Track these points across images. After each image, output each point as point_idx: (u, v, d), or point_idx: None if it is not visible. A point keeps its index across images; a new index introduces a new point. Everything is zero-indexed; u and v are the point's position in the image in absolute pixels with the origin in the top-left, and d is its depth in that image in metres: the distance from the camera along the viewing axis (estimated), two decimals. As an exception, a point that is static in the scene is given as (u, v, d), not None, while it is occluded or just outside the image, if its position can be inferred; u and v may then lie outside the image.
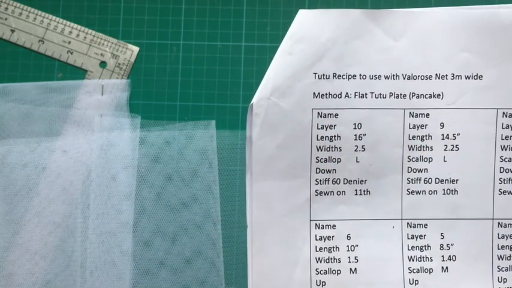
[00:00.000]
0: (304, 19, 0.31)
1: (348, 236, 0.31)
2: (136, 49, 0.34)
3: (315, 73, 0.31)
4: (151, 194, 0.32)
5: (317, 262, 0.31)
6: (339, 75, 0.31)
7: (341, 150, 0.31)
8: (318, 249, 0.31)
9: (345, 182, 0.32)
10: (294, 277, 0.31)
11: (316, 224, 0.31)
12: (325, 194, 0.31)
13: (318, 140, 0.31)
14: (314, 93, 0.31)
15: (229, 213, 0.32)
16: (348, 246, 0.31)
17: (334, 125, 0.31)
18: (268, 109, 0.31)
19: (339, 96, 0.31)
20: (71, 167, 0.32)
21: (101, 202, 0.32)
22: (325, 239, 0.31)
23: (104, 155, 0.32)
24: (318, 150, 0.31)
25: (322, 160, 0.31)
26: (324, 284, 0.31)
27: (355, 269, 0.31)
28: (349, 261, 0.31)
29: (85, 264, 0.31)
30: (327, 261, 0.31)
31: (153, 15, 0.34)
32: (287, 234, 0.31)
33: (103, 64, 0.34)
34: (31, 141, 0.32)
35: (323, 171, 0.31)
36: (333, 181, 0.31)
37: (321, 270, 0.31)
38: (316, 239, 0.31)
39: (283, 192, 0.31)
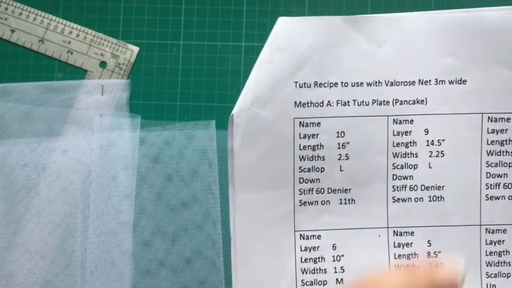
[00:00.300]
0: (284, 27, 0.31)
1: (333, 246, 0.31)
2: (136, 49, 0.34)
3: (296, 82, 0.31)
4: (151, 194, 0.32)
5: (302, 273, 0.31)
6: (320, 84, 0.31)
7: (324, 159, 0.31)
8: (303, 260, 0.31)
9: (329, 191, 0.31)
10: None
11: (300, 235, 0.31)
12: (309, 204, 0.31)
13: (300, 149, 0.31)
14: (295, 102, 0.31)
15: (229, 213, 0.32)
16: (333, 256, 0.31)
17: (317, 134, 0.31)
18: (249, 119, 0.30)
19: (321, 104, 0.31)
20: (71, 167, 0.32)
21: (101, 202, 0.32)
22: (310, 250, 0.31)
23: (104, 155, 0.32)
24: (301, 160, 0.31)
25: (305, 170, 0.31)
26: None
27: (342, 279, 0.31)
28: (335, 272, 0.31)
29: (85, 264, 0.31)
30: (313, 272, 0.31)
31: (153, 15, 0.34)
32: (271, 245, 0.31)
33: (103, 64, 0.34)
34: (31, 141, 0.32)
35: (307, 180, 0.31)
36: (317, 191, 0.31)
37: (307, 281, 0.31)
38: (301, 250, 0.31)
39: (266, 203, 0.31)
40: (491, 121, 0.31)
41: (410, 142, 0.31)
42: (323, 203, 0.31)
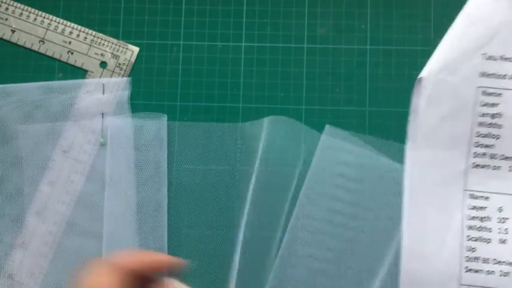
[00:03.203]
0: (480, 0, 0.33)
1: (500, 209, 0.33)
2: (136, 49, 0.34)
3: (484, 54, 0.33)
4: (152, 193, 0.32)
5: (468, 229, 0.33)
6: (506, 58, 0.33)
7: (501, 127, 0.33)
8: (470, 218, 0.33)
9: (502, 157, 0.33)
10: (446, 241, 0.32)
11: (470, 194, 0.33)
12: (481, 167, 0.33)
13: (480, 116, 0.33)
14: (480, 73, 0.33)
15: (230, 213, 0.32)
16: (499, 218, 0.33)
17: (497, 104, 0.33)
18: (436, 84, 0.33)
19: (504, 77, 0.33)
20: (71, 167, 0.32)
21: (101, 202, 0.32)
22: (477, 209, 0.33)
23: (105, 155, 0.32)
24: (479, 126, 0.33)
25: (482, 135, 0.33)
26: (474, 250, 0.32)
27: (505, 240, 0.32)
28: (499, 232, 0.33)
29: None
30: (479, 229, 0.33)
31: (154, 15, 0.34)
32: (442, 200, 0.33)
33: (103, 64, 0.34)
34: (31, 141, 0.32)
35: (482, 145, 0.33)
36: (490, 156, 0.33)
37: (472, 237, 0.33)
38: (469, 208, 0.33)
39: (441, 161, 0.33)
40: None
41: None
42: (494, 168, 0.33)
